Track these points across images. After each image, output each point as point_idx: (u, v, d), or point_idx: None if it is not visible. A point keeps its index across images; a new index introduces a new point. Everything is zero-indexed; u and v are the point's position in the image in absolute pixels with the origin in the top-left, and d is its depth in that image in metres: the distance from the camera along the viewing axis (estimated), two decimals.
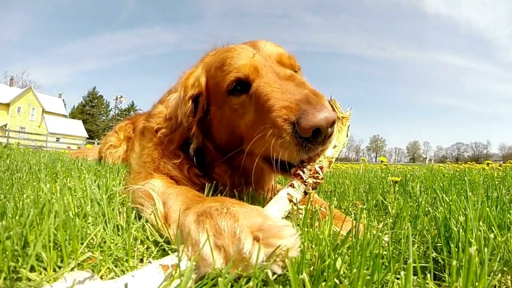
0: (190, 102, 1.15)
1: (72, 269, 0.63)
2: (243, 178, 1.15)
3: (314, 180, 0.89)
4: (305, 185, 0.88)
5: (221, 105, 1.09)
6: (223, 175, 1.17)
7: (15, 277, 0.60)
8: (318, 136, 0.85)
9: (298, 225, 0.80)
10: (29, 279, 0.59)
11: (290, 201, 0.84)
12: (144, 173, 1.18)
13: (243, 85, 1.03)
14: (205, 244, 0.58)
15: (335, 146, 0.99)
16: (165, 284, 0.53)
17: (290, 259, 0.55)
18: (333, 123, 0.85)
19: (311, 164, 0.92)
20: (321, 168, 0.91)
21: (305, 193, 0.88)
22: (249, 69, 1.01)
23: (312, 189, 0.89)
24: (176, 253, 0.60)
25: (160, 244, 0.78)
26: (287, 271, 0.57)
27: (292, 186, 0.87)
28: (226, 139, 1.13)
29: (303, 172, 0.89)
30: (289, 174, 0.94)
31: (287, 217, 0.84)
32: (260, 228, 0.60)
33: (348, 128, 1.04)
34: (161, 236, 0.81)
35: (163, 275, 0.55)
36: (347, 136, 1.03)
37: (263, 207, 0.81)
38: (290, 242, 0.58)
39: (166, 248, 0.77)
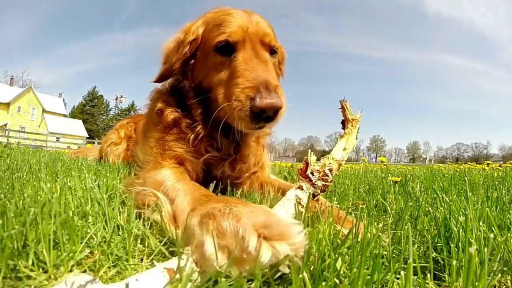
0: (188, 45, 1.32)
1: (71, 268, 0.63)
2: (214, 120, 1.24)
3: (323, 183, 0.89)
4: (314, 187, 0.88)
5: (207, 55, 1.29)
6: (199, 115, 1.32)
7: (14, 275, 0.60)
8: (262, 114, 1.06)
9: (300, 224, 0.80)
10: (29, 278, 0.59)
11: (298, 203, 0.83)
12: (153, 162, 1.26)
13: (229, 48, 1.22)
14: (209, 245, 0.57)
15: (345, 149, 0.99)
16: None
17: (298, 258, 0.55)
18: (277, 109, 1.07)
19: (321, 166, 0.92)
20: (330, 170, 0.91)
21: (313, 195, 0.88)
22: (238, 38, 1.20)
23: (321, 191, 0.89)
24: (182, 256, 0.60)
25: (162, 244, 0.78)
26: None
27: (300, 188, 0.87)
28: (200, 81, 1.32)
29: (313, 174, 0.89)
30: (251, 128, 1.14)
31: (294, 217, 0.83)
32: (264, 225, 0.59)
33: (358, 130, 1.04)
34: (163, 236, 0.82)
35: (168, 279, 0.54)
36: (356, 139, 1.03)
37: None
38: (297, 240, 0.57)
39: (169, 249, 0.76)
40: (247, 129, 1.15)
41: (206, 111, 1.31)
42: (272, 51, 1.30)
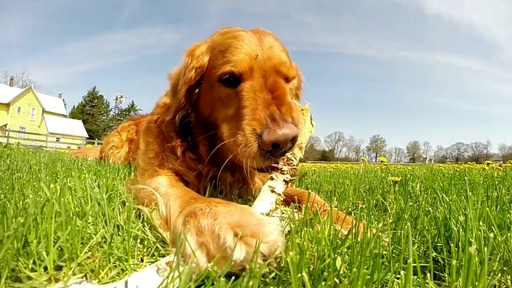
0: (194, 71, 1.21)
1: (71, 269, 0.63)
2: (220, 159, 1.16)
3: (290, 167, 0.96)
4: (283, 173, 0.95)
5: (212, 86, 1.17)
6: (206, 153, 1.23)
7: (15, 276, 0.60)
8: (277, 149, 0.94)
9: (296, 224, 0.80)
10: (29, 278, 0.59)
11: (272, 191, 0.89)
12: (150, 170, 1.24)
13: (234, 79, 1.09)
14: (188, 243, 0.61)
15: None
16: (164, 286, 0.53)
17: (274, 256, 0.58)
18: (293, 138, 0.94)
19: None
20: (293, 154, 0.98)
21: (286, 182, 0.94)
22: (245, 68, 1.06)
23: (291, 176, 0.96)
24: (171, 255, 0.62)
25: (161, 243, 0.78)
26: (284, 270, 0.57)
27: (271, 178, 0.94)
28: (208, 115, 1.21)
29: (277, 163, 0.97)
30: (258, 171, 1.04)
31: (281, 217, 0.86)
32: (238, 224, 0.62)
33: (310, 117, 1.19)
34: (158, 237, 0.83)
35: (161, 277, 0.56)
36: (312, 125, 1.19)
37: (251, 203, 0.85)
38: (270, 238, 0.59)
39: (161, 249, 0.78)
40: (258, 166, 0.99)
41: (212, 148, 1.19)
42: (288, 80, 1.17)
